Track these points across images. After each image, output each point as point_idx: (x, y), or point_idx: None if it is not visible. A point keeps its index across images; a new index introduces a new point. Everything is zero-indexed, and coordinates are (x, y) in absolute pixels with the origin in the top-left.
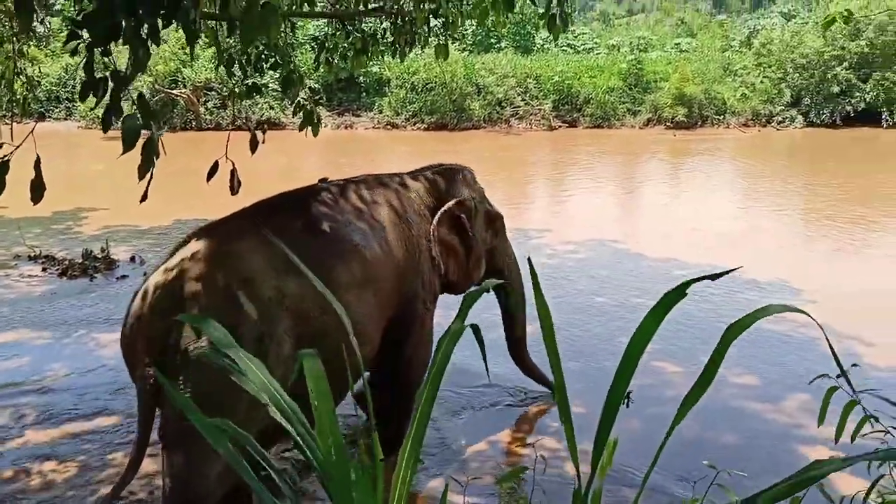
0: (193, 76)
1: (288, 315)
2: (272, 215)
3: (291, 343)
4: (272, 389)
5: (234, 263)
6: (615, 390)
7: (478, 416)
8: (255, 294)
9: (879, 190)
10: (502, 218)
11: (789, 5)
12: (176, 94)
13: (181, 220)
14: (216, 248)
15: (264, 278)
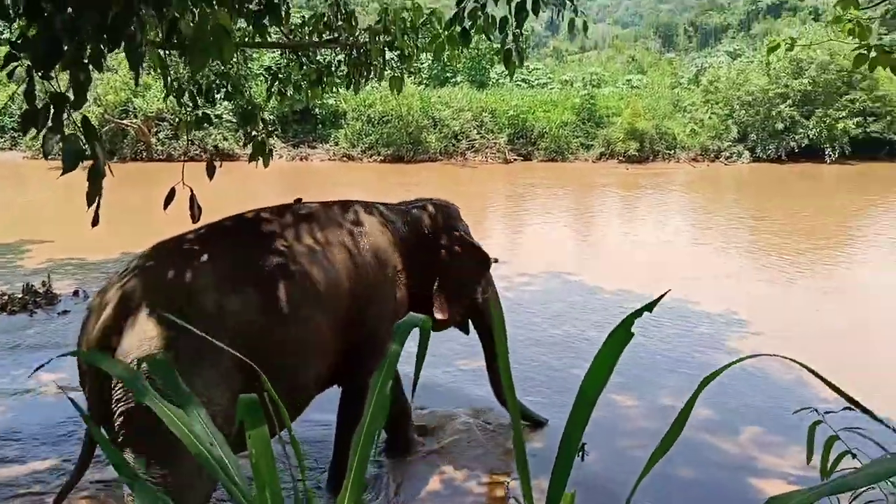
0: (145, 106)
1: (229, 331)
2: (227, 234)
3: (230, 358)
4: (198, 441)
5: (179, 279)
6: (568, 442)
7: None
8: (196, 309)
9: (824, 224)
10: (486, 258)
11: (734, 45)
12: (126, 124)
13: (129, 253)
14: (163, 265)
15: (207, 294)
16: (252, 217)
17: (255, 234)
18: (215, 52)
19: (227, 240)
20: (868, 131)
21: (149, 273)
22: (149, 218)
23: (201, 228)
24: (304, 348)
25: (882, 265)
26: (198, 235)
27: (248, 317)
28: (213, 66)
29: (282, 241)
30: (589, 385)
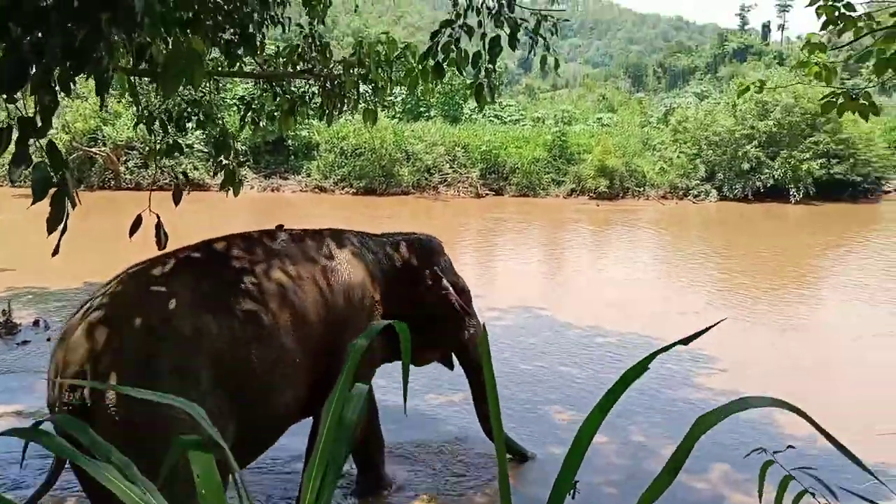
0: (115, 134)
1: (205, 352)
2: (204, 258)
3: (210, 378)
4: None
5: (157, 301)
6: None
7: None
8: (173, 330)
9: (787, 263)
10: (468, 291)
11: (702, 86)
12: (94, 152)
13: (92, 283)
14: (140, 288)
15: (184, 316)
16: (232, 242)
17: (233, 258)
18: (187, 78)
19: (204, 264)
20: (832, 173)
21: (124, 297)
22: (114, 247)
23: (179, 251)
24: (279, 372)
25: (841, 304)
26: (175, 259)
27: (225, 339)
28: (185, 93)
29: (259, 267)
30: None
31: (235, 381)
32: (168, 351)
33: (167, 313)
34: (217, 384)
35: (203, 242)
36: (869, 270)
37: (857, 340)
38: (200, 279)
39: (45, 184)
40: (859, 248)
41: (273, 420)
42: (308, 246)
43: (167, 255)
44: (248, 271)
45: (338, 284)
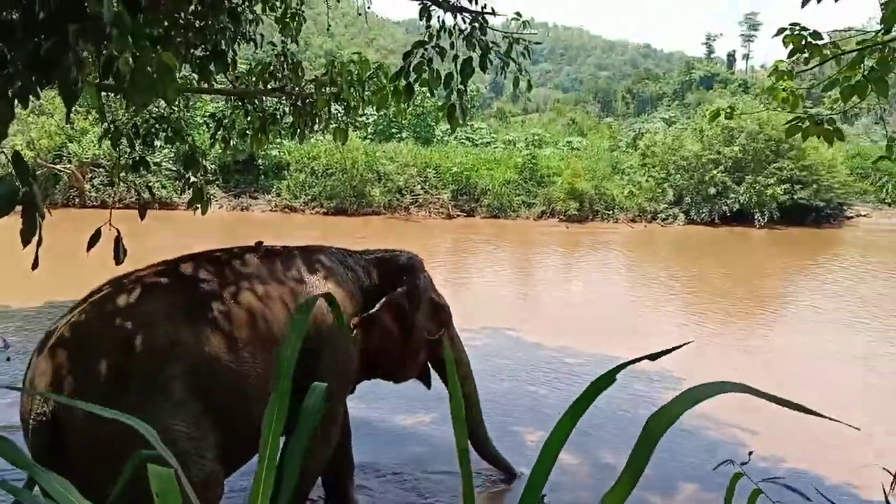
0: (80, 152)
1: (178, 362)
2: (181, 271)
3: (183, 388)
4: None
5: (132, 311)
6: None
7: None
8: (146, 340)
9: (752, 286)
10: (448, 309)
11: (670, 112)
12: (59, 169)
13: (55, 303)
14: (115, 300)
15: (158, 326)
16: (209, 257)
17: (209, 272)
18: (158, 92)
19: (179, 277)
20: (796, 198)
21: (99, 308)
22: (78, 265)
23: (156, 265)
24: (253, 384)
25: (803, 326)
26: (152, 272)
27: (198, 350)
28: (153, 109)
29: (235, 282)
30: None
31: (211, 392)
32: (139, 362)
33: (139, 325)
34: (192, 395)
35: (181, 257)
36: (830, 294)
37: (818, 361)
38: (175, 292)
39: (12, 197)
40: (822, 272)
41: (252, 430)
42: (286, 263)
43: (144, 269)
44: (224, 285)
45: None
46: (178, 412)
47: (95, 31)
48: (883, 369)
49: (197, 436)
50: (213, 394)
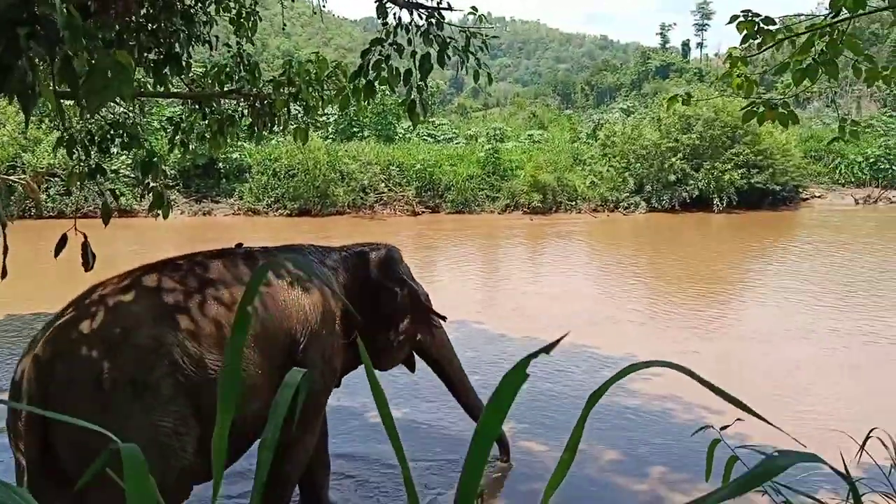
0: (35, 161)
1: (164, 362)
2: (165, 273)
3: (171, 387)
4: None
5: (116, 313)
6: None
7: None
8: (131, 341)
9: (712, 270)
10: (427, 295)
11: (628, 103)
12: (13, 180)
13: (15, 315)
14: (104, 300)
15: (142, 327)
16: (192, 259)
17: (193, 274)
18: (114, 93)
19: (164, 279)
20: (752, 182)
21: (85, 311)
22: (38, 275)
23: (140, 269)
24: (243, 385)
25: (764, 307)
26: (136, 275)
27: (184, 350)
28: (107, 115)
29: (219, 283)
30: (483, 430)
31: (198, 390)
32: (125, 363)
33: (125, 326)
34: (180, 394)
35: (163, 260)
36: (789, 275)
37: (777, 339)
38: (160, 294)
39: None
40: (779, 253)
41: (240, 429)
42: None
43: (128, 273)
44: (208, 286)
45: (296, 300)
46: (165, 410)
47: (47, 34)
48: (844, 345)
49: (182, 431)
50: (202, 392)
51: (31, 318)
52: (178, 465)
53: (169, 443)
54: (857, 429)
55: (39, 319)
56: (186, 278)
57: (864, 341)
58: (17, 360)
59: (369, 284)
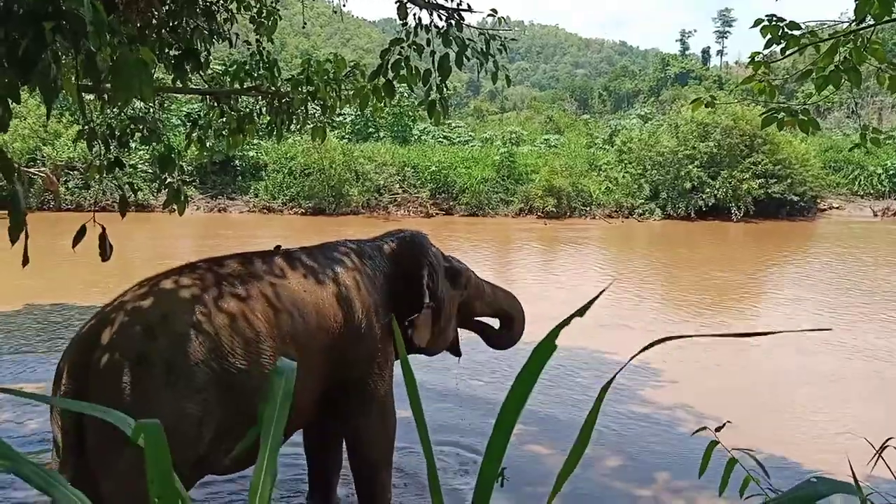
0: (54, 154)
1: (200, 350)
2: (207, 270)
3: (204, 375)
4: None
5: (158, 300)
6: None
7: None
8: (168, 329)
9: (728, 279)
10: (466, 271)
11: (646, 109)
12: (33, 172)
13: (34, 304)
14: (148, 288)
15: (181, 315)
16: (233, 257)
17: (235, 271)
18: (137, 88)
19: (205, 274)
20: (770, 192)
21: (129, 301)
22: (56, 267)
23: (186, 265)
24: None
25: (777, 318)
26: (179, 271)
27: (221, 342)
28: (127, 110)
29: (261, 280)
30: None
31: (227, 382)
32: (162, 347)
33: (165, 312)
34: (210, 383)
35: (210, 258)
36: (805, 286)
37: (792, 351)
38: (202, 286)
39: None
40: (796, 264)
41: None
42: (307, 260)
43: (175, 269)
44: (247, 283)
45: (337, 295)
46: (195, 398)
47: (72, 28)
48: (859, 356)
49: (206, 421)
50: (231, 384)
51: (50, 308)
52: (195, 453)
53: (191, 431)
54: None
55: (58, 309)
56: (228, 274)
57: (880, 354)
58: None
59: (405, 272)
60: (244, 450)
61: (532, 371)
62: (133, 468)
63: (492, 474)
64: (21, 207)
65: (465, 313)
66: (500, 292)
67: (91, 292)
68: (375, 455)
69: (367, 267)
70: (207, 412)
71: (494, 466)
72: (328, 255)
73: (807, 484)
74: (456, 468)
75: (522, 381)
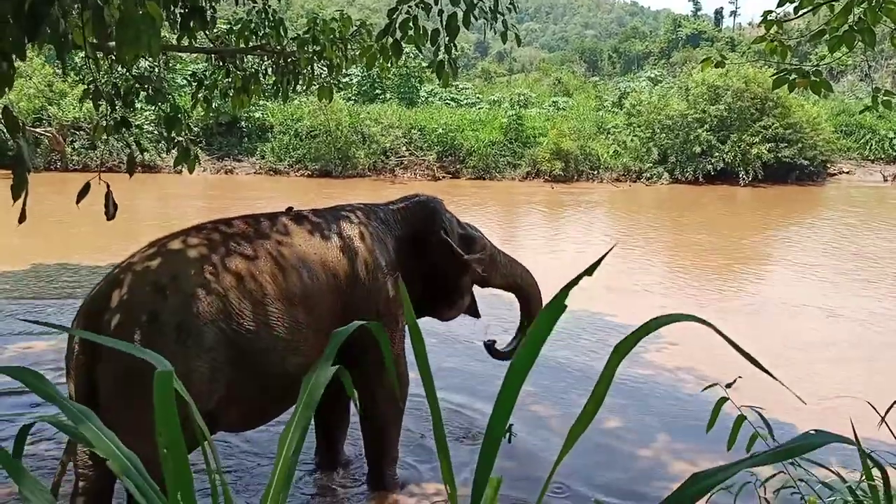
0: (60, 114)
1: (210, 310)
2: (217, 230)
3: (213, 334)
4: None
5: (168, 261)
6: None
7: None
8: (178, 288)
9: (736, 244)
10: (482, 239)
11: (655, 71)
12: (40, 132)
13: (41, 264)
14: (157, 249)
15: (190, 275)
16: (244, 218)
17: (246, 232)
18: (144, 44)
19: (216, 235)
20: (780, 156)
21: (140, 261)
22: (62, 227)
23: (195, 227)
24: (284, 338)
25: (785, 282)
26: (190, 232)
27: (229, 301)
28: (132, 68)
29: (271, 240)
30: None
31: (236, 341)
32: (172, 307)
33: (175, 273)
34: (220, 343)
35: (218, 219)
36: (813, 251)
37: (797, 315)
38: (212, 247)
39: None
40: (804, 229)
41: (279, 384)
42: (319, 222)
43: (183, 230)
44: (258, 243)
45: (348, 257)
46: (205, 357)
47: None
48: (867, 321)
49: (215, 378)
50: (239, 343)
51: (57, 267)
52: (205, 410)
53: (201, 389)
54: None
55: (65, 268)
56: (238, 235)
57: (887, 318)
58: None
59: (420, 235)
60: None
61: (542, 330)
62: (143, 422)
63: (500, 429)
64: (26, 165)
65: (480, 281)
66: (517, 267)
67: (98, 252)
68: (384, 415)
69: (378, 227)
70: (217, 370)
71: (502, 422)
72: (335, 214)
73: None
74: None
75: (532, 340)
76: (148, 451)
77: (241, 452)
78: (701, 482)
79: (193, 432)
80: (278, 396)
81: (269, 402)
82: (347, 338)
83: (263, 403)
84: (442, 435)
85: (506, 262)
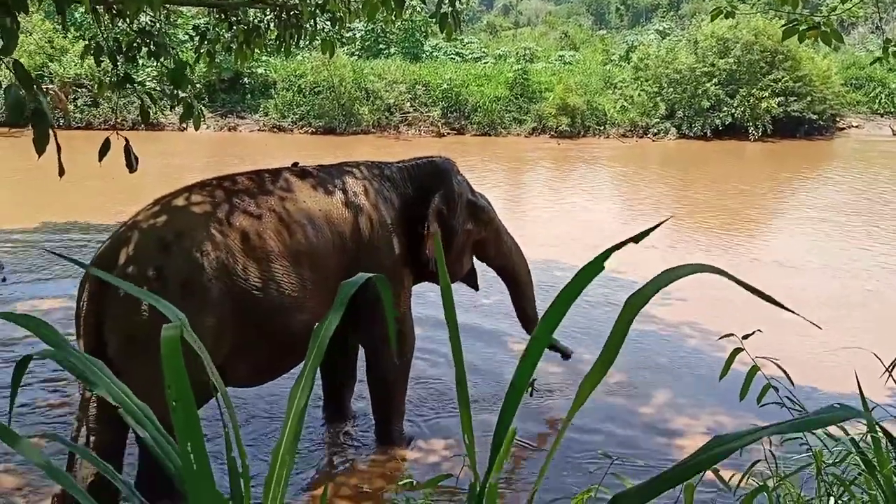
0: (62, 71)
1: (214, 266)
2: (221, 187)
3: (219, 290)
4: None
5: (172, 217)
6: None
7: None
8: (183, 244)
9: (746, 199)
10: (491, 211)
11: (664, 24)
12: (43, 89)
13: (49, 223)
14: (162, 206)
15: (195, 231)
16: (248, 174)
17: (250, 188)
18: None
19: (220, 191)
20: (789, 110)
21: (142, 217)
22: (68, 185)
23: (200, 183)
24: (289, 294)
25: (794, 237)
26: (194, 189)
27: (234, 257)
28: (133, 24)
29: (275, 196)
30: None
31: (241, 297)
32: (177, 262)
33: (179, 229)
34: (225, 298)
35: (223, 175)
36: (821, 207)
37: (804, 269)
38: (216, 203)
39: (19, 104)
40: (813, 183)
41: (285, 340)
42: (323, 178)
43: (187, 187)
44: (263, 199)
45: (353, 214)
46: (211, 313)
47: None
48: (874, 276)
49: (221, 333)
50: (245, 299)
51: (65, 224)
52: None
53: (207, 345)
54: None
55: (73, 226)
56: (242, 191)
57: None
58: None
59: (427, 197)
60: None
61: (576, 289)
62: (153, 379)
63: (523, 381)
64: (47, 118)
65: (477, 253)
66: (516, 251)
67: (104, 209)
68: (391, 371)
69: (383, 185)
70: (223, 326)
71: (527, 374)
72: (341, 170)
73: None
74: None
75: (563, 297)
76: (159, 408)
77: (251, 406)
78: (722, 445)
79: (203, 385)
80: (285, 353)
81: (276, 358)
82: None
83: (270, 360)
84: (464, 388)
85: (510, 244)
